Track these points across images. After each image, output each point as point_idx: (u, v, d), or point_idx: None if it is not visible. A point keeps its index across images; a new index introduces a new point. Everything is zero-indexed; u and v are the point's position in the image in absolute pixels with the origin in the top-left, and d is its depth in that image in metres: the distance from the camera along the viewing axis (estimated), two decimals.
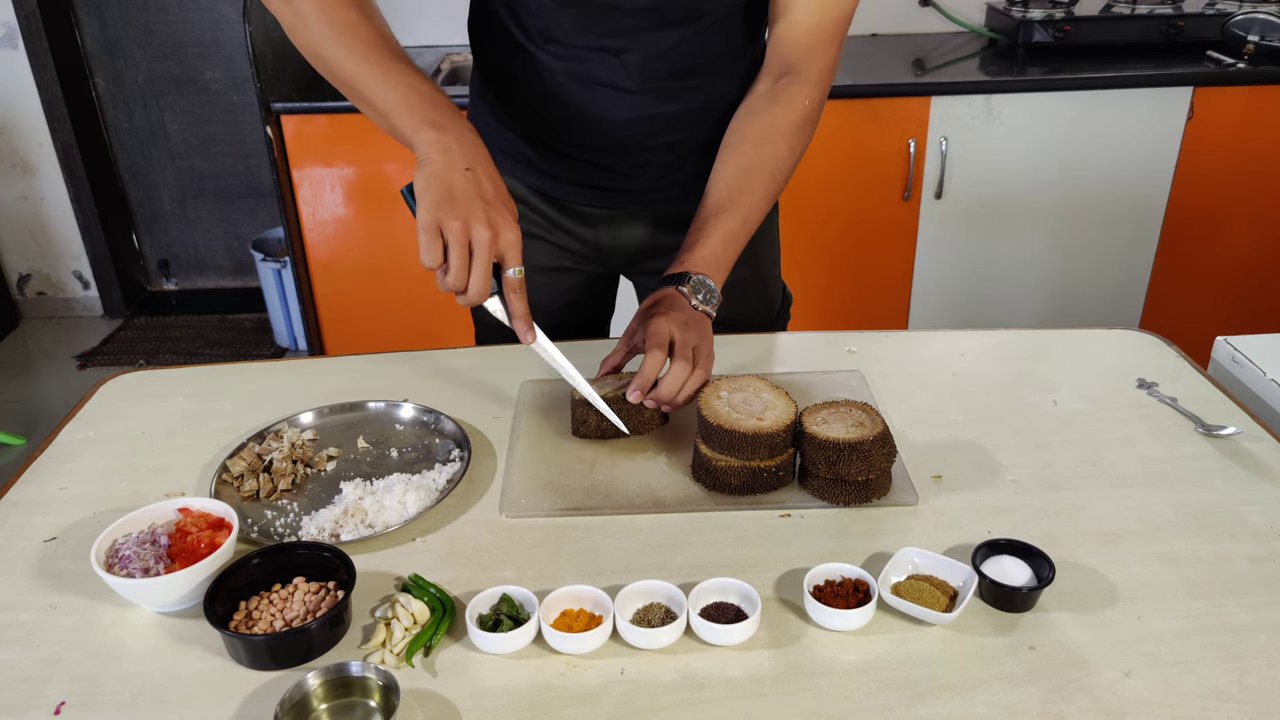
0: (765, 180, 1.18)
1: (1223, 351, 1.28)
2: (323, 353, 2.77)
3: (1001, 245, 2.70)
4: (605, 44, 1.18)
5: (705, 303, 1.12)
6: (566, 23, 1.17)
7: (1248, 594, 0.88)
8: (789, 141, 1.19)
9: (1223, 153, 2.59)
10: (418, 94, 0.98)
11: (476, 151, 0.95)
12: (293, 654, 0.82)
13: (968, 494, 1.01)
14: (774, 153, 1.18)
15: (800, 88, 1.19)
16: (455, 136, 0.96)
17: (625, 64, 1.19)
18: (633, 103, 1.22)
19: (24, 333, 3.53)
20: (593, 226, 1.36)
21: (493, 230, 0.91)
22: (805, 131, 1.20)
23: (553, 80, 1.22)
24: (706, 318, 1.12)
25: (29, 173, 3.38)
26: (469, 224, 0.90)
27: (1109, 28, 2.71)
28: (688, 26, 1.18)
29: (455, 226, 0.90)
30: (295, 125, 2.49)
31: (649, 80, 1.21)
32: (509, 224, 0.92)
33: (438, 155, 0.94)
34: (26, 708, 0.79)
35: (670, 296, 1.12)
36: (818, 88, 1.20)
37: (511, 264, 0.93)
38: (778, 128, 1.19)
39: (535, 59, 1.21)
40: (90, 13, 3.26)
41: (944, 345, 1.31)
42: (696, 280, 1.13)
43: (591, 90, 1.22)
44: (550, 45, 1.20)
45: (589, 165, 1.29)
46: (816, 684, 0.79)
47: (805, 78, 1.19)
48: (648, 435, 1.11)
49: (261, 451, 1.07)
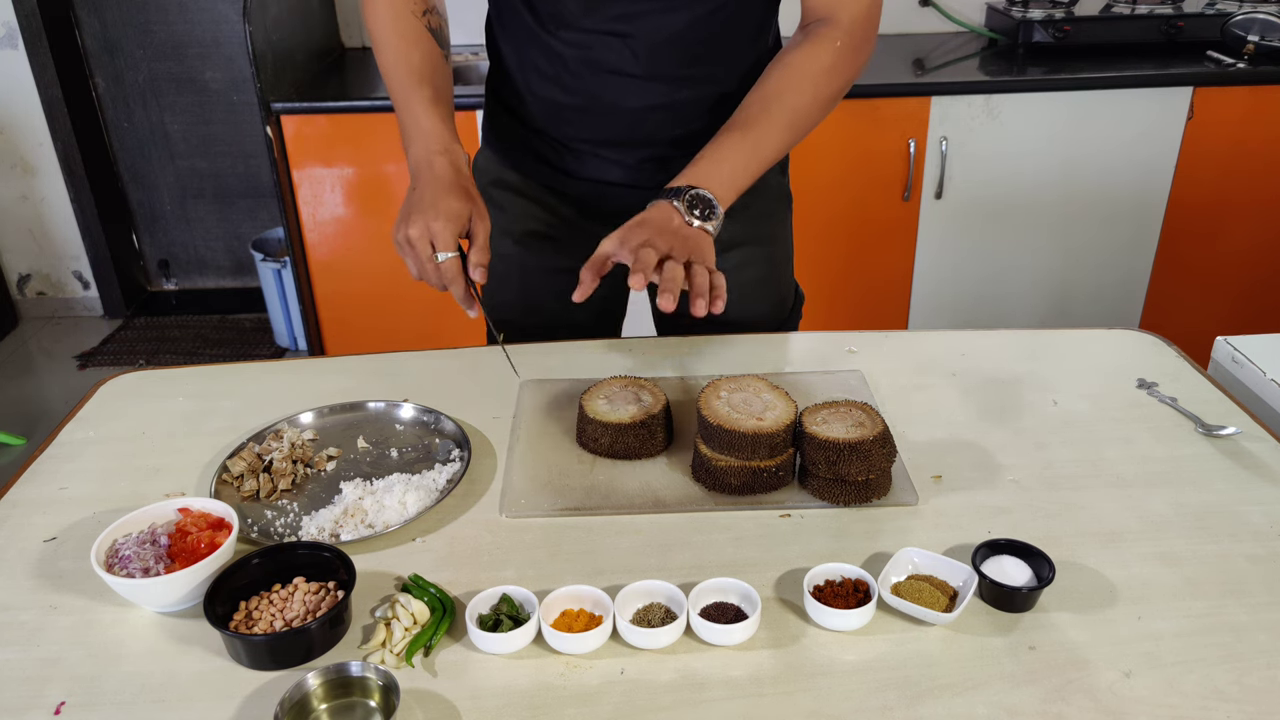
0: (785, 111, 1.14)
1: (1223, 351, 1.28)
2: (323, 353, 2.77)
3: (1001, 245, 2.70)
4: (613, 27, 1.18)
5: (704, 219, 1.07)
6: (574, 5, 1.17)
7: (1248, 594, 0.88)
8: (814, 80, 1.15)
9: (1223, 153, 2.59)
10: (411, 120, 1.17)
11: (430, 170, 1.13)
12: (293, 654, 0.82)
13: (968, 494, 1.01)
14: (796, 87, 1.15)
15: (830, 30, 1.16)
16: (421, 160, 1.15)
17: (633, 48, 1.19)
18: (642, 90, 1.22)
19: (24, 333, 3.53)
20: (605, 224, 1.35)
21: (418, 228, 1.09)
22: (834, 76, 1.16)
23: (564, 68, 1.22)
24: (705, 234, 1.07)
25: (29, 173, 3.38)
26: (405, 231, 1.10)
27: (1109, 28, 2.71)
28: (696, 8, 1.17)
29: (399, 235, 1.11)
30: (295, 125, 2.49)
31: (657, 66, 1.20)
32: (431, 222, 1.09)
33: (411, 179, 1.16)
34: (26, 708, 0.79)
35: (660, 212, 1.07)
36: (850, 33, 1.16)
37: (440, 247, 1.09)
38: (803, 68, 1.15)
39: (549, 46, 1.22)
40: (90, 13, 3.26)
41: (944, 345, 1.31)
42: (694, 194, 1.07)
43: (601, 78, 1.21)
44: (562, 30, 1.20)
45: (602, 160, 1.29)
46: (816, 684, 0.79)
47: (836, 22, 1.16)
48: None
49: (261, 451, 1.07)
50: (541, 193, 1.35)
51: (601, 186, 1.31)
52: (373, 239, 2.61)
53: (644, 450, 1.07)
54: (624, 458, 1.07)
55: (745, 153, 1.12)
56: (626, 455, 1.07)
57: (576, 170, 1.31)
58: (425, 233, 1.09)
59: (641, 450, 1.07)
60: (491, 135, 1.39)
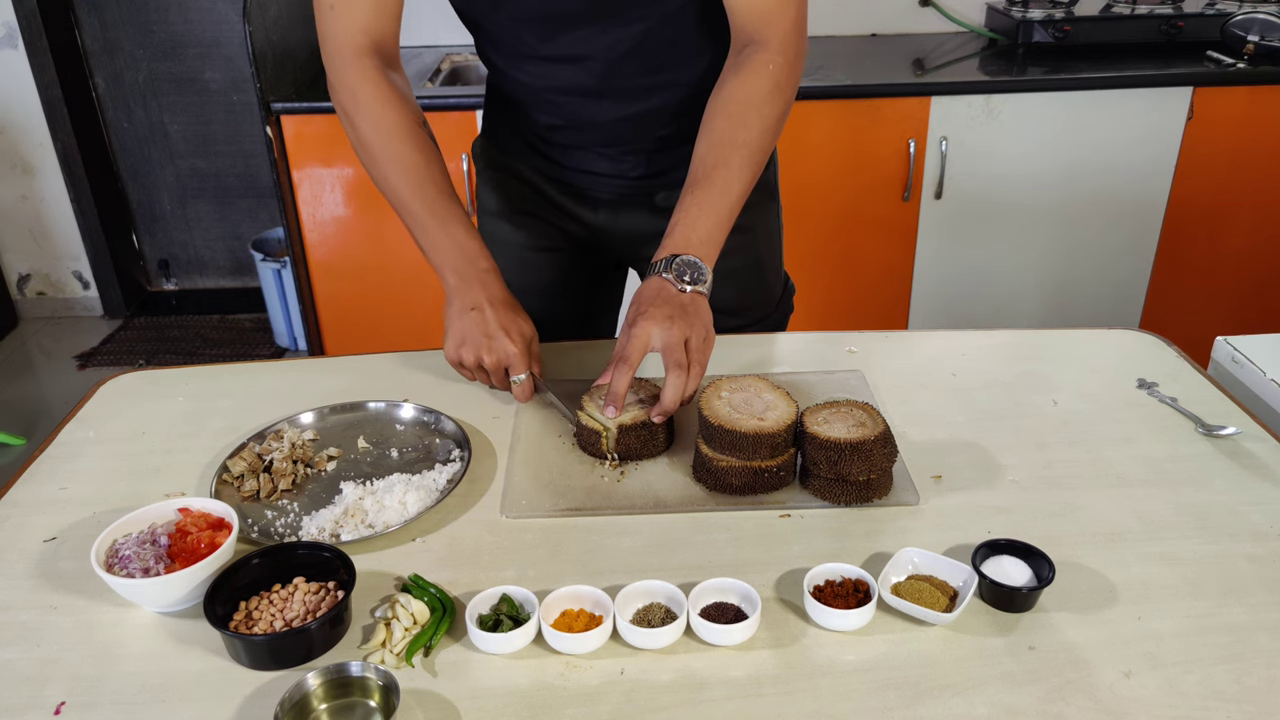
0: (738, 149, 1.15)
1: (1223, 351, 1.28)
2: (323, 353, 2.77)
3: (1001, 245, 2.70)
4: (571, 52, 1.20)
5: (694, 282, 1.10)
6: (529, 38, 1.20)
7: (1248, 594, 0.88)
8: (758, 110, 1.16)
9: (1223, 153, 2.59)
10: (449, 239, 1.17)
11: (485, 290, 1.16)
12: (293, 654, 0.82)
13: (968, 494, 1.01)
14: (743, 122, 1.16)
15: (763, 54, 1.17)
16: (471, 281, 1.16)
17: (589, 70, 1.21)
18: (609, 107, 1.25)
19: (24, 333, 3.53)
20: (593, 209, 1.38)
21: (494, 357, 1.14)
22: (776, 99, 1.17)
23: (537, 95, 1.27)
24: (699, 296, 1.10)
25: (29, 173, 3.38)
26: (478, 356, 1.14)
27: (1109, 28, 2.71)
28: (646, 21, 1.18)
29: (469, 359, 1.15)
30: (295, 125, 2.49)
31: (620, 81, 1.22)
32: (506, 347, 1.13)
33: (455, 299, 1.16)
34: (26, 708, 0.79)
35: (654, 287, 1.10)
36: (782, 52, 1.17)
37: (515, 372, 1.15)
38: (744, 98, 1.16)
39: (517, 79, 1.26)
40: (90, 13, 3.26)
41: (944, 345, 1.31)
42: (680, 262, 1.10)
43: (571, 99, 1.26)
44: (524, 64, 1.24)
45: (589, 154, 1.33)
46: (816, 684, 0.79)
47: (767, 44, 1.17)
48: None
49: (261, 451, 1.07)
50: (534, 176, 1.39)
51: (590, 176, 1.35)
52: (373, 239, 2.61)
53: (645, 450, 1.07)
54: (625, 458, 1.07)
55: (713, 206, 1.14)
56: (627, 456, 1.07)
57: (563, 159, 1.35)
58: (500, 361, 1.14)
59: (642, 450, 1.07)
60: (491, 126, 1.43)
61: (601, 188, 1.35)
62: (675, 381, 1.04)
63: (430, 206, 1.18)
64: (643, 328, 1.06)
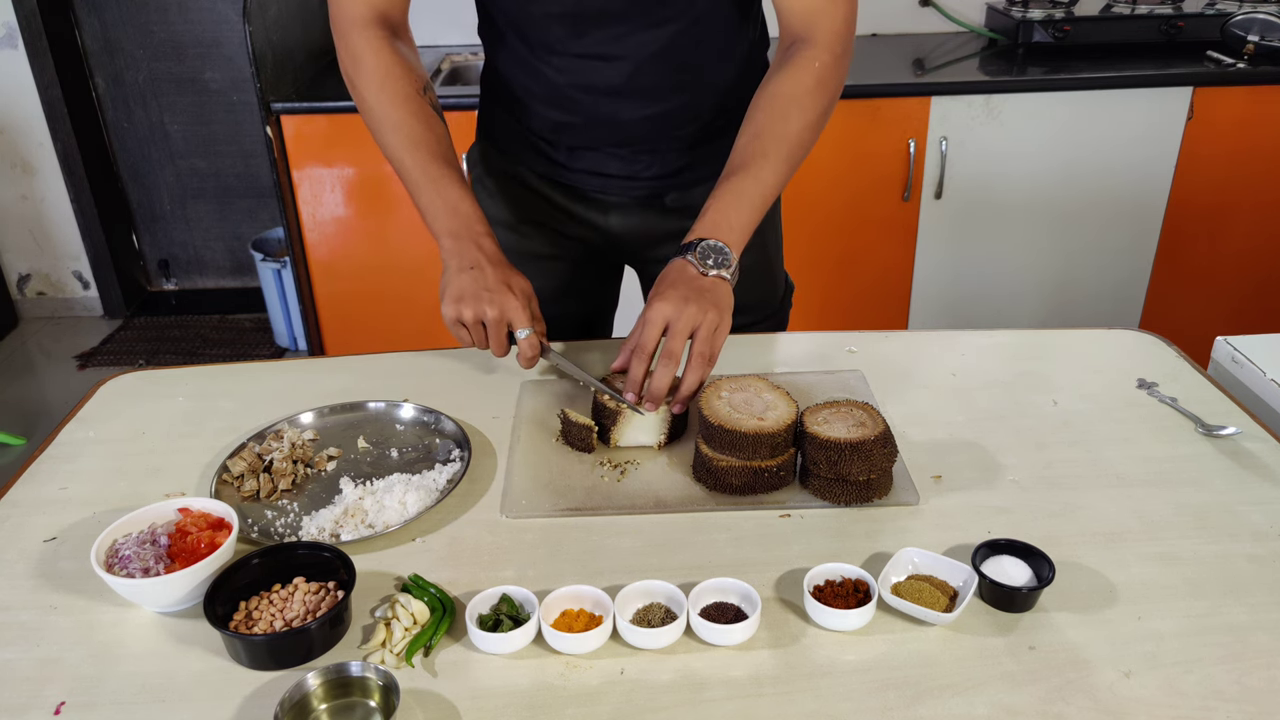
0: (777, 143, 1.16)
1: (1223, 351, 1.28)
2: (323, 353, 2.77)
3: (1001, 245, 2.70)
4: (601, 50, 1.20)
5: (718, 266, 1.10)
6: (559, 32, 1.19)
7: (1248, 594, 0.88)
8: (800, 105, 1.17)
9: (1223, 153, 2.59)
10: (444, 203, 1.17)
11: (481, 251, 1.15)
12: (293, 654, 0.82)
13: (968, 494, 1.01)
14: (784, 116, 1.17)
15: (809, 51, 1.18)
16: (466, 242, 1.15)
17: (619, 70, 1.21)
18: (634, 106, 1.24)
19: (24, 333, 3.53)
20: (603, 213, 1.37)
21: (496, 310, 1.11)
22: (819, 95, 1.18)
23: (559, 91, 1.25)
24: (720, 281, 1.10)
25: (29, 173, 3.38)
26: (478, 312, 1.12)
27: (1109, 28, 2.71)
28: (680, 21, 1.18)
29: (469, 316, 1.12)
30: (295, 125, 2.49)
31: (648, 81, 1.22)
32: (508, 302, 1.11)
33: (451, 260, 1.15)
34: (26, 708, 0.79)
35: (676, 269, 1.11)
36: (828, 49, 1.18)
37: (518, 326, 1.12)
38: (788, 94, 1.17)
39: (541, 71, 1.25)
40: (90, 13, 3.26)
41: (944, 345, 1.31)
42: (706, 246, 1.10)
43: (594, 98, 1.25)
44: (552, 57, 1.23)
45: (599, 154, 1.31)
46: (816, 684, 0.79)
47: (813, 41, 1.18)
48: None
49: (261, 451, 1.07)
50: (538, 183, 1.37)
51: (597, 178, 1.33)
52: (373, 239, 2.61)
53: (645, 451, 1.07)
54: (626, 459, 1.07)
55: (748, 195, 1.14)
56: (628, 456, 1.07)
57: (572, 163, 1.33)
58: (502, 315, 1.12)
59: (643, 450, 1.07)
60: (488, 130, 1.41)
61: (612, 189, 1.34)
62: (663, 371, 1.05)
63: (426, 170, 1.18)
64: (657, 309, 1.06)
